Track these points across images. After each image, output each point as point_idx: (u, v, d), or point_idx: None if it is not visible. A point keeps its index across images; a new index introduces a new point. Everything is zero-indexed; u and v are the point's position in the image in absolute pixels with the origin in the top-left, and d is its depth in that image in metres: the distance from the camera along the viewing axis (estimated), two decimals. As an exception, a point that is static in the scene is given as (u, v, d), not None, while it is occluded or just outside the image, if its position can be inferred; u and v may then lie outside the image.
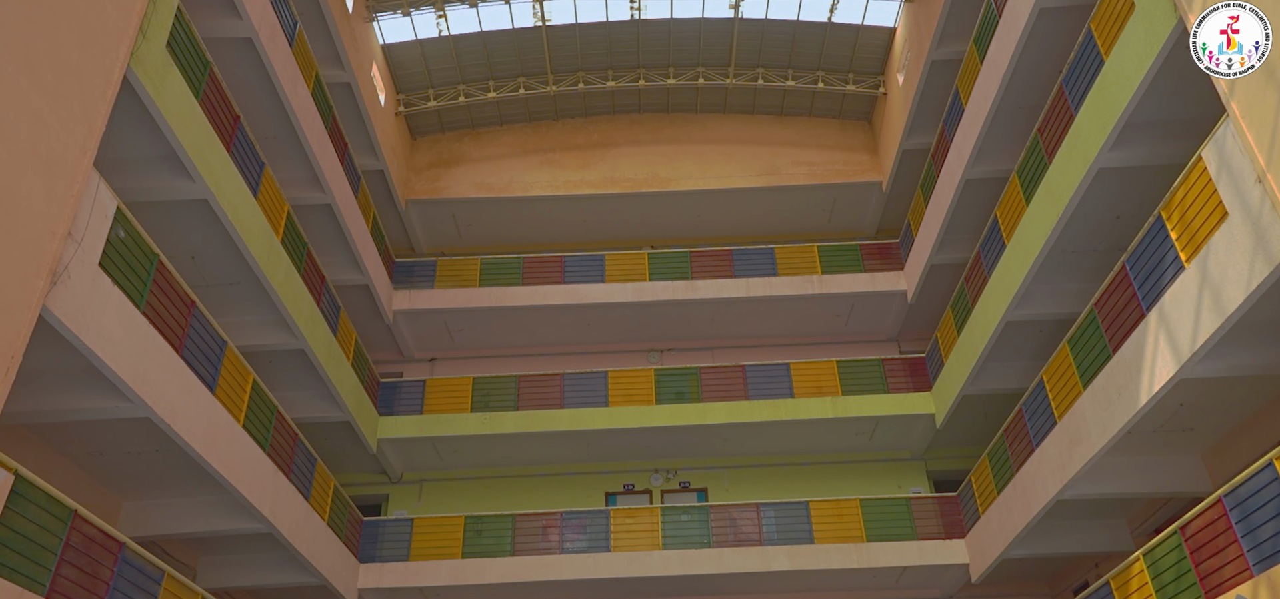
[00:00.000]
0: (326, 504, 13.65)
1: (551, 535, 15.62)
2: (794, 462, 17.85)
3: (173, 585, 8.93)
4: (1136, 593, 9.73)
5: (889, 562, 15.04)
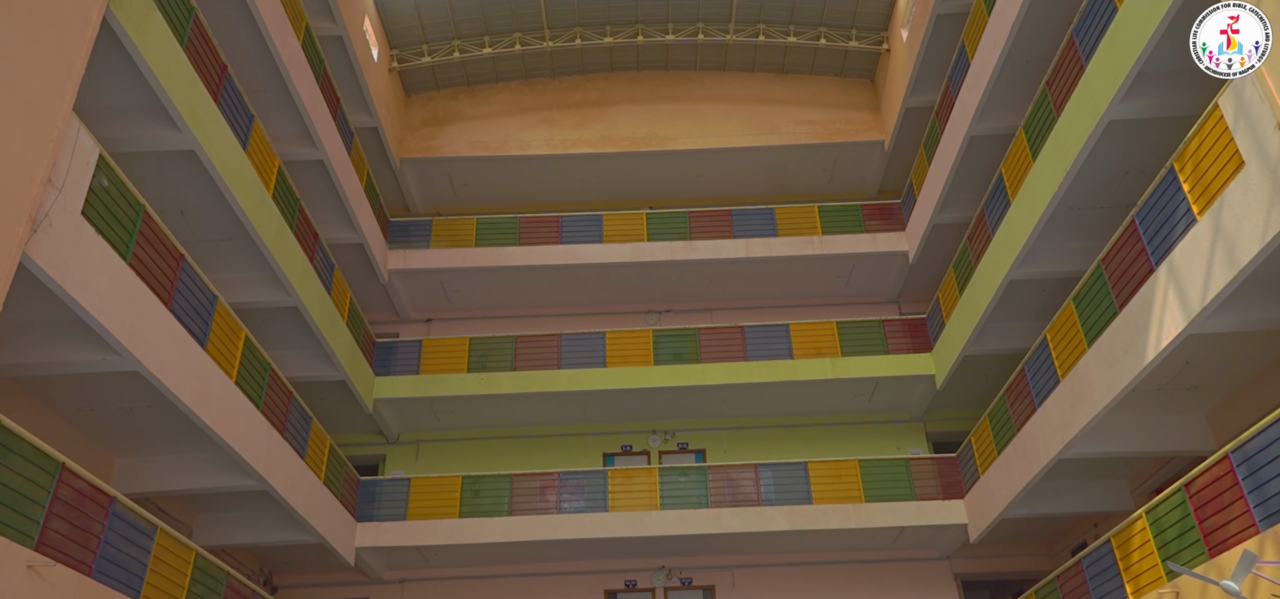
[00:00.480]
0: (322, 463, 13.55)
1: (549, 496, 15.57)
2: (793, 423, 17.78)
3: (166, 541, 8.83)
4: (1138, 551, 9.67)
5: (887, 522, 15.02)
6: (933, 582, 16.20)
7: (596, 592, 16.48)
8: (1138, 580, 9.70)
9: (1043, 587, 12.31)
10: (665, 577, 16.64)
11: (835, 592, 16.04)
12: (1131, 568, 9.82)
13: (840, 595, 15.94)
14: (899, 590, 16.02)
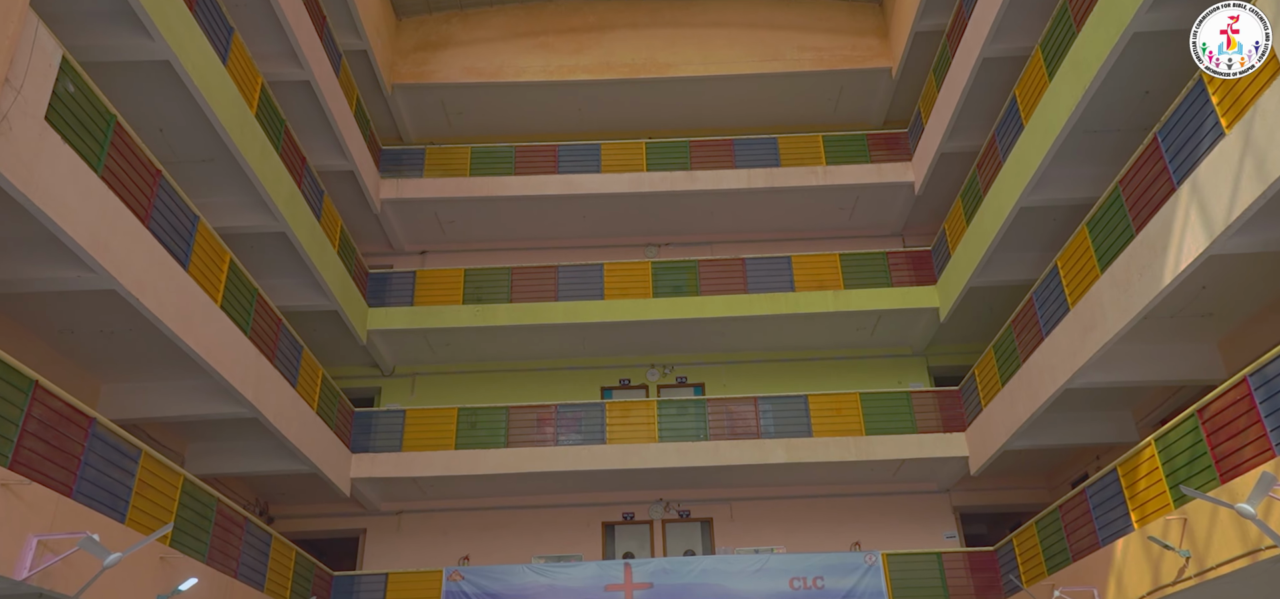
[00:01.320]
0: (315, 393, 13.32)
1: (546, 428, 15.42)
2: (793, 357, 17.54)
3: (152, 465, 8.61)
4: (1145, 478, 9.49)
5: (888, 455, 14.89)
6: (931, 514, 16.16)
7: (594, 524, 16.46)
8: (1143, 508, 9.54)
9: (1044, 517, 12.20)
10: (663, 509, 16.60)
11: (834, 524, 16.00)
12: (1137, 496, 9.65)
13: (839, 528, 15.90)
14: (898, 523, 15.99)
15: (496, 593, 13.84)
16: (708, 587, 13.92)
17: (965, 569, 14.07)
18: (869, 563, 13.99)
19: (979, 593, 13.86)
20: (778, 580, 13.92)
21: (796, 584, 13.88)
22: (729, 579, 13.96)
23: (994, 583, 13.87)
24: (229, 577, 10.11)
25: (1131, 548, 9.74)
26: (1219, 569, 8.06)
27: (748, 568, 14.06)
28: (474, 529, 16.14)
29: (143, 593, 8.27)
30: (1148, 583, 9.38)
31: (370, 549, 15.91)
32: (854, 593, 13.76)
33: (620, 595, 13.93)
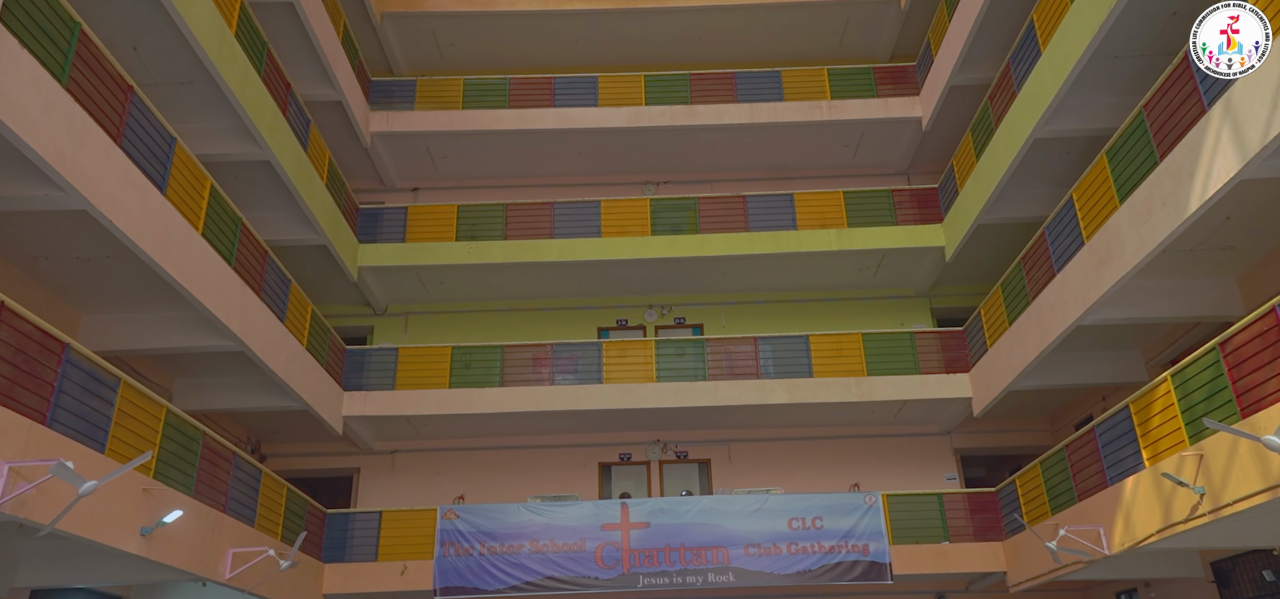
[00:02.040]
0: (304, 328, 12.97)
1: (542, 368, 15.12)
2: (794, 299, 17.22)
3: (132, 394, 8.27)
4: (1158, 415, 9.23)
5: (890, 396, 14.65)
6: (932, 456, 16.01)
7: (590, 465, 16.28)
8: (1155, 446, 9.31)
9: (1049, 457, 12.00)
10: (660, 450, 16.42)
11: (833, 466, 15.84)
12: (1150, 433, 9.41)
13: (838, 470, 15.74)
14: (897, 465, 15.83)
15: (492, 531, 13.68)
16: (705, 526, 13.78)
17: (965, 510, 13.94)
18: (869, 504, 13.84)
19: (979, 534, 13.75)
20: (776, 521, 13.78)
21: (795, 524, 13.75)
22: (727, 519, 13.82)
23: (994, 524, 13.75)
24: (217, 511, 9.86)
25: (1142, 486, 9.53)
26: (1236, 505, 7.83)
27: (746, 508, 13.91)
28: (469, 469, 15.96)
29: (126, 525, 8.00)
30: (1158, 521, 9.19)
31: (364, 488, 15.73)
32: (853, 533, 13.64)
33: (617, 535, 13.79)
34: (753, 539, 13.62)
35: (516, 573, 13.41)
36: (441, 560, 13.44)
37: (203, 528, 9.47)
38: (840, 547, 13.55)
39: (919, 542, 13.65)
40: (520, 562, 13.47)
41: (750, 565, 13.46)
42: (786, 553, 13.55)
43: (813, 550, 13.55)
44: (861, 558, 13.47)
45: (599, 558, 13.60)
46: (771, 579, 13.40)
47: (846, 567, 13.42)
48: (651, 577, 13.46)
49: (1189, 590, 12.33)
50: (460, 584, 13.31)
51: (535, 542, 13.61)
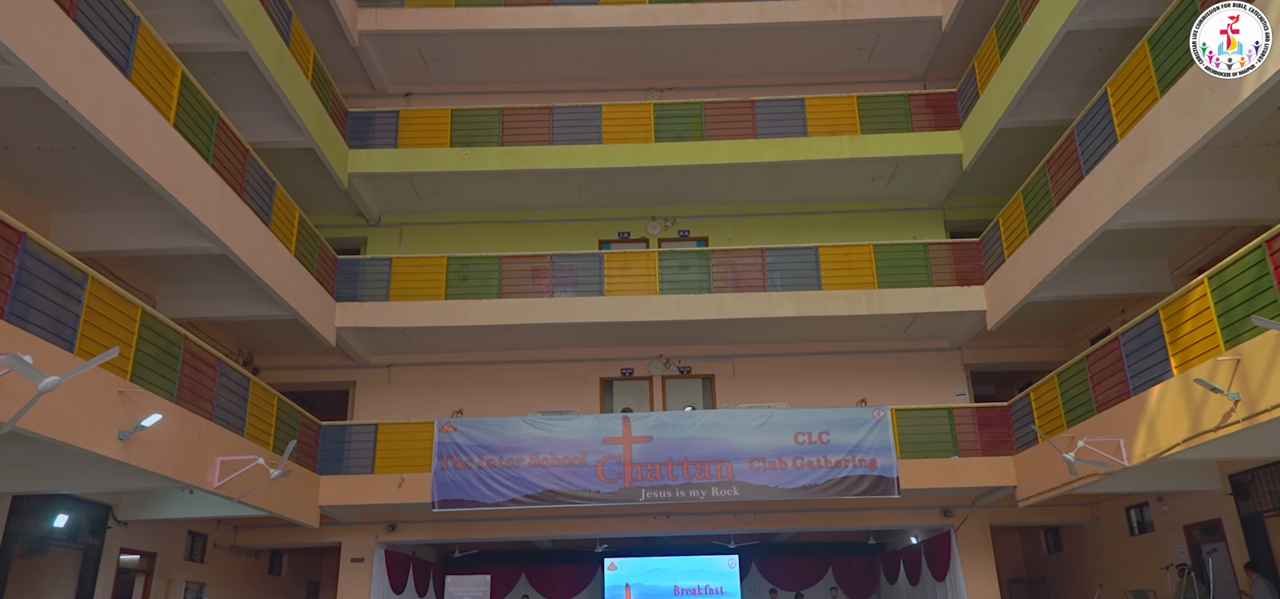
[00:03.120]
0: (292, 235, 12.40)
1: (541, 280, 14.61)
2: (801, 211, 16.58)
3: (101, 292, 7.76)
4: (1191, 321, 8.73)
5: (901, 308, 14.16)
6: (942, 372, 15.62)
7: (591, 380, 15.92)
8: (1185, 352, 8.84)
9: (1067, 369, 11.57)
10: (663, 365, 16.04)
11: (839, 382, 15.47)
12: (1180, 339, 8.93)
13: (844, 386, 15.37)
14: (906, 381, 15.46)
15: (490, 445, 13.37)
16: (709, 440, 13.45)
17: (976, 425, 13.60)
18: (877, 418, 13.49)
19: (989, 449, 13.44)
20: (781, 435, 13.45)
21: (801, 439, 13.42)
22: (731, 433, 13.49)
23: (1005, 439, 13.42)
24: (202, 419, 9.47)
25: (1168, 395, 9.10)
26: (1274, 412, 7.40)
27: (751, 422, 13.57)
28: (467, 384, 15.60)
29: (101, 428, 7.59)
30: (1185, 430, 8.79)
31: (360, 402, 15.40)
32: (860, 448, 13.32)
33: (618, 448, 13.48)
34: (757, 453, 13.32)
35: (515, 486, 13.15)
36: (439, 473, 13.17)
37: (187, 435, 9.09)
38: (847, 461, 13.25)
39: (927, 456, 13.35)
40: (519, 475, 13.20)
41: (754, 480, 13.19)
42: (792, 467, 13.26)
43: (818, 465, 13.26)
44: (868, 472, 13.19)
45: (600, 472, 13.32)
46: (776, 494, 13.15)
47: (853, 481, 13.15)
48: (654, 491, 13.20)
49: (1203, 503, 12.08)
50: (458, 497, 13.06)
51: (535, 455, 13.32)
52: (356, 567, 14.67)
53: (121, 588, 11.74)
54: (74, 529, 10.61)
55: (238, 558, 14.73)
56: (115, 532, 11.29)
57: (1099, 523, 15.00)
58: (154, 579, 12.12)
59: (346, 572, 14.62)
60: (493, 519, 14.77)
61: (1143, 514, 13.82)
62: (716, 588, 19.39)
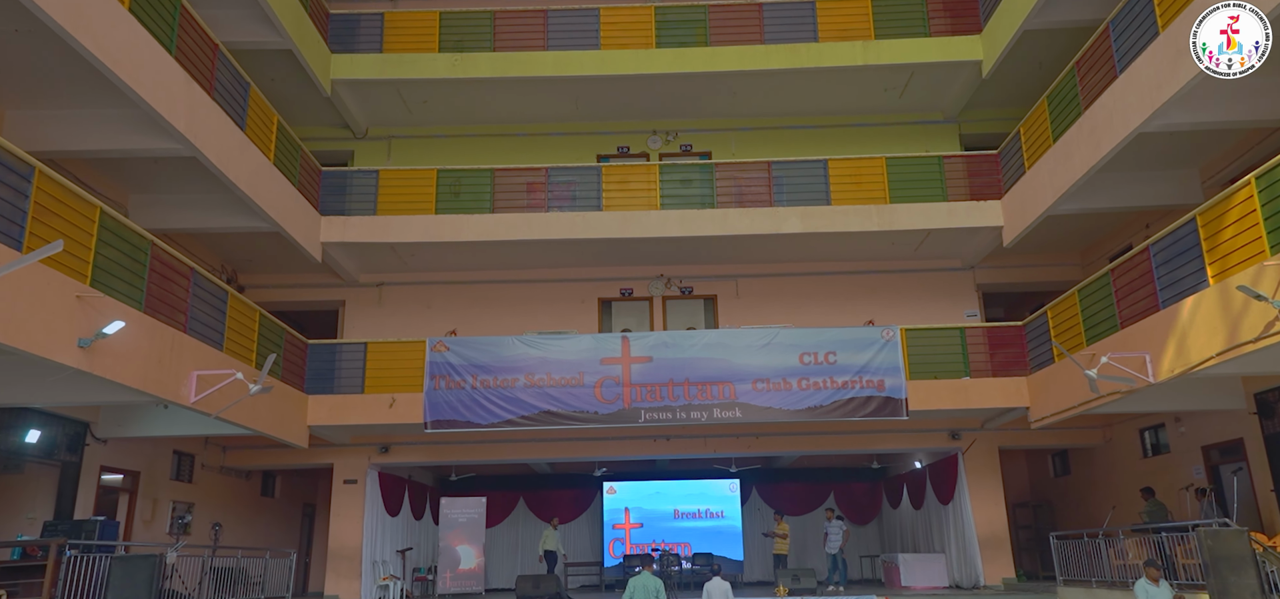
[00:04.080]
0: (270, 141, 11.68)
1: (537, 194, 13.92)
2: (810, 124, 15.78)
3: (50, 186, 7.11)
4: (1232, 226, 8.11)
5: (913, 224, 13.52)
6: (953, 293, 15.06)
7: (589, 300, 15.38)
8: (1224, 260, 8.24)
9: (1090, 284, 10.99)
10: (664, 285, 15.46)
11: (846, 303, 14.92)
12: (1219, 247, 8.32)
13: (851, 307, 14.82)
14: (915, 302, 14.90)
15: (485, 364, 12.90)
16: (711, 361, 12.98)
17: (988, 345, 13.10)
18: (886, 338, 12.98)
19: (1001, 369, 12.96)
20: (786, 355, 12.96)
21: (806, 359, 12.94)
22: (734, 354, 13.00)
23: (1019, 359, 12.94)
24: (175, 331, 8.93)
25: (1203, 306, 8.54)
26: (1326, 318, 6.84)
27: (755, 342, 13.07)
28: (461, 304, 15.06)
29: (59, 334, 7.04)
30: (1219, 342, 8.25)
31: (349, 322, 14.88)
32: (868, 368, 12.85)
33: (617, 369, 13.01)
34: (761, 374, 12.85)
35: (511, 407, 12.72)
36: (431, 394, 12.72)
37: (158, 346, 8.56)
38: (854, 382, 12.79)
39: (937, 377, 12.89)
40: (515, 396, 12.76)
41: (758, 401, 12.75)
42: (797, 388, 12.81)
43: (824, 386, 12.81)
44: (876, 393, 12.74)
45: (598, 392, 12.88)
46: (780, 415, 12.72)
47: (860, 402, 12.71)
48: (654, 412, 12.77)
49: (1224, 423, 11.66)
50: (452, 418, 12.64)
51: (531, 375, 12.86)
52: (350, 488, 14.38)
53: (105, 506, 11.40)
54: (50, 445, 10.19)
55: (228, 479, 14.41)
56: (94, 449, 10.88)
57: (1111, 445, 14.64)
58: (138, 498, 11.78)
59: (339, 493, 14.33)
60: (488, 442, 14.40)
61: (1158, 436, 13.43)
62: (717, 511, 19.23)
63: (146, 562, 7.96)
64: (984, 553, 14.08)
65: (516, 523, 19.65)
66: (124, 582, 7.72)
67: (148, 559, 7.98)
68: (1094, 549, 11.79)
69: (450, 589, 13.97)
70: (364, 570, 13.97)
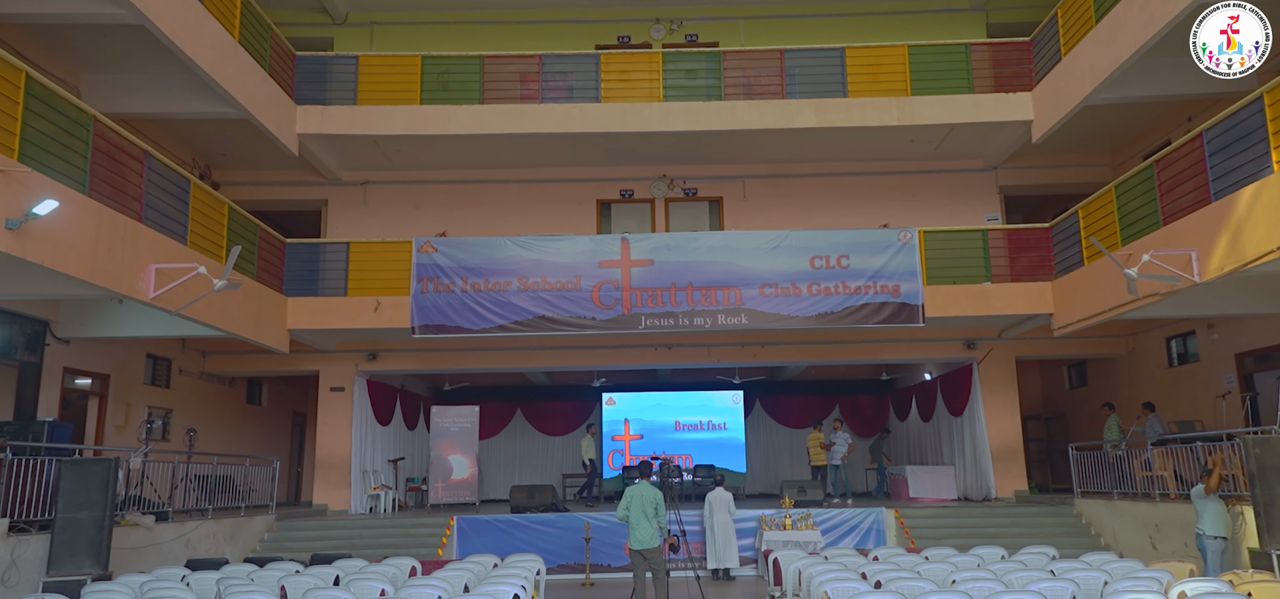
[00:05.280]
0: (234, 17, 10.61)
1: (530, 85, 12.88)
2: (825, 12, 14.58)
3: (-37, 44, 6.19)
4: (1307, 103, 7.19)
5: (936, 118, 12.53)
6: (972, 195, 14.18)
7: (587, 202, 14.51)
8: (1294, 143, 7.34)
9: (1130, 178, 10.10)
10: (666, 186, 14.56)
11: (859, 206, 14.05)
12: (1290, 127, 7.41)
13: (865, 210, 13.95)
14: (933, 205, 14.04)
15: (475, 267, 12.12)
16: (716, 264, 12.19)
17: (1011, 249, 12.27)
18: (903, 241, 12.15)
19: (1024, 275, 12.17)
20: (796, 259, 12.17)
21: (818, 263, 12.15)
22: (741, 257, 12.20)
23: (1043, 264, 12.14)
24: (128, 219, 8.12)
25: (1265, 195, 7.69)
26: None
27: (763, 245, 12.26)
28: (451, 205, 14.20)
29: (-18, 213, 6.22)
30: (1283, 234, 7.42)
31: (333, 223, 14.06)
32: (882, 273, 12.06)
33: (616, 272, 12.24)
34: (769, 278, 12.08)
35: (503, 312, 12.00)
36: (419, 297, 11.98)
37: (108, 234, 7.75)
38: (867, 287, 12.03)
39: (956, 282, 12.12)
40: (507, 299, 12.02)
41: (766, 307, 12.01)
42: (807, 294, 12.06)
43: (836, 291, 12.05)
44: (891, 299, 11.99)
45: (596, 297, 12.14)
46: (788, 322, 12.01)
47: (873, 309, 11.97)
48: (655, 318, 12.06)
49: (1261, 328, 10.95)
50: (441, 322, 11.94)
51: (524, 279, 12.10)
52: (337, 396, 13.81)
53: (74, 411, 10.80)
54: (6, 345, 9.50)
55: (209, 385, 13.82)
56: (57, 350, 10.19)
57: (1133, 355, 13.97)
58: (109, 402, 11.17)
59: (326, 401, 13.77)
60: (480, 349, 13.75)
61: (1186, 344, 12.74)
62: (719, 423, 18.76)
63: (102, 466, 7.34)
64: (996, 465, 13.59)
65: (515, 435, 19.23)
66: (76, 487, 7.12)
67: (103, 464, 7.36)
68: (1115, 461, 11.22)
69: (442, 499, 13.54)
70: (353, 480, 13.52)
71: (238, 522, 10.72)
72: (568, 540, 11.95)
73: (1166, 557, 9.44)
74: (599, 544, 11.83)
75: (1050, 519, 11.84)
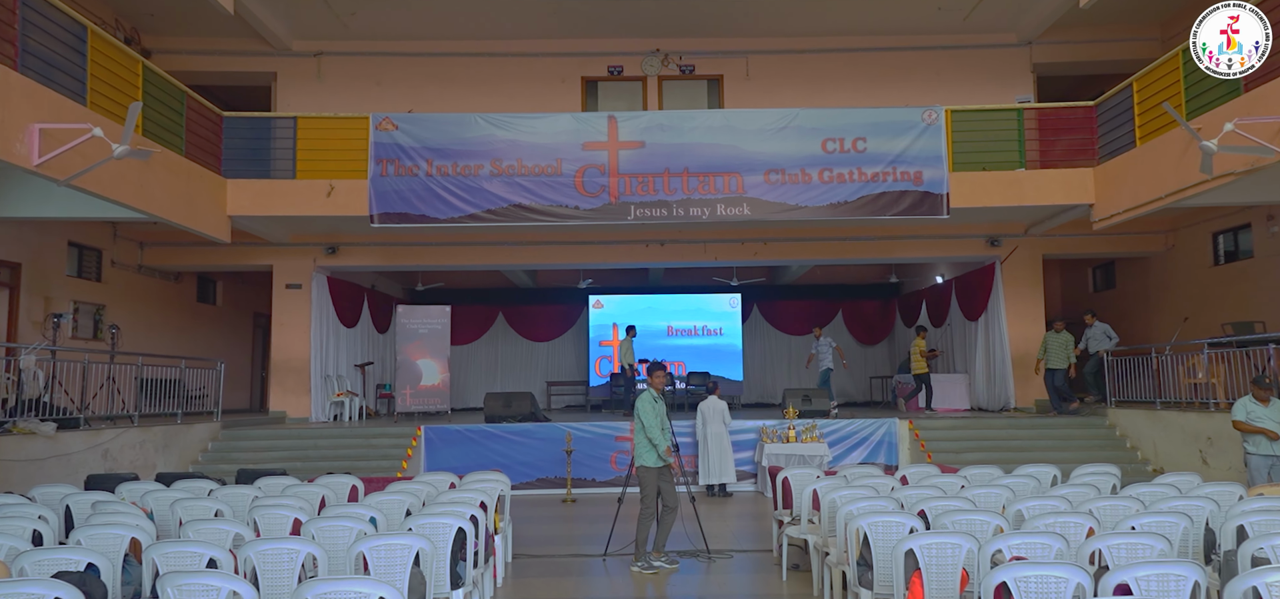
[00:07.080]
0: None
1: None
2: None
3: None
4: None
5: (970, -22, 10.89)
6: (1002, 73, 12.69)
7: (572, 79, 12.95)
8: None
9: (1204, 40, 8.58)
10: (660, 62, 12.98)
11: (875, 85, 12.56)
12: None
13: (883, 89, 12.46)
14: (958, 84, 12.56)
15: (442, 147, 10.64)
16: (716, 147, 10.74)
17: (1048, 131, 10.83)
18: (928, 120, 10.69)
19: (1063, 160, 10.76)
20: (807, 142, 10.72)
21: (831, 146, 10.70)
22: (744, 139, 10.74)
23: (1087, 146, 10.72)
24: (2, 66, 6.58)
25: (1395, 43, 6.25)
26: None
27: (769, 125, 10.78)
28: (417, 81, 12.62)
29: None
30: None
31: (282, 99, 12.50)
32: (904, 157, 10.64)
33: (602, 155, 10.78)
34: (775, 163, 10.66)
35: (474, 199, 10.58)
36: (378, 180, 10.53)
37: (-31, 82, 6.24)
38: (886, 174, 10.63)
39: (986, 169, 10.73)
40: (478, 185, 10.59)
41: (771, 196, 10.63)
42: (818, 181, 10.65)
43: (851, 178, 10.64)
44: (912, 187, 10.61)
45: (579, 183, 10.71)
46: (796, 213, 10.63)
47: (892, 198, 10.59)
48: (645, 208, 10.66)
49: (1334, 225, 9.64)
50: (403, 210, 10.52)
51: (497, 162, 10.64)
52: (293, 294, 12.49)
53: (-22, 306, 9.45)
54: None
55: (150, 280, 12.43)
56: (-52, 235, 8.78)
57: (1172, 253, 12.72)
58: (21, 293, 9.79)
59: (281, 299, 12.46)
60: (451, 243, 12.38)
61: (1237, 240, 11.47)
62: (715, 328, 17.60)
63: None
64: (1016, 373, 12.50)
65: (496, 339, 18.07)
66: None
67: (-28, 361, 6.06)
68: (1157, 368, 10.09)
69: (410, 407, 12.39)
70: (314, 386, 12.35)
71: (173, 430, 9.51)
72: (547, 452, 10.87)
73: (1219, 474, 8.41)
74: (582, 457, 10.77)
75: (1080, 431, 10.80)
